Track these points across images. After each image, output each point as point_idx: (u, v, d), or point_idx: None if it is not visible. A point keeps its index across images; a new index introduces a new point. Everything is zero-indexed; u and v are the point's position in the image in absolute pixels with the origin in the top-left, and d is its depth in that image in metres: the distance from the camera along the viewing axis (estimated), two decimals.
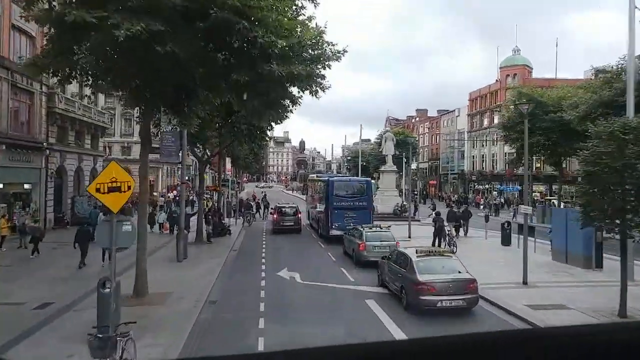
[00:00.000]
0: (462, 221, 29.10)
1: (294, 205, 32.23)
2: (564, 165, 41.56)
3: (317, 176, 40.79)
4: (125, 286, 11.93)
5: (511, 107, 36.23)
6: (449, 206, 42.60)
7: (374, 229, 20.20)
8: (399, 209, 36.65)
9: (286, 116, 18.13)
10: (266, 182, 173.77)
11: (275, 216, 30.46)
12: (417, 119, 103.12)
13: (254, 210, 38.39)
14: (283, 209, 30.78)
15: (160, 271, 16.74)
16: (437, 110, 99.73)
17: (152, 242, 24.44)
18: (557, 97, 35.93)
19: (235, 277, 17.33)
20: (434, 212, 27.38)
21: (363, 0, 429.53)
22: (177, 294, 13.99)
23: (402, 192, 41.33)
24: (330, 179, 29.92)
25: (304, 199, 61.24)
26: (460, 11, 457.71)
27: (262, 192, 68.95)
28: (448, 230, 25.15)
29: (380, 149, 44.68)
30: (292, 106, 16.01)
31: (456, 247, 23.79)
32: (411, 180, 38.88)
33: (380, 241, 18.75)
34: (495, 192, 68.33)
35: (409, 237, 26.63)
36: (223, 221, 28.45)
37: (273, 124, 24.60)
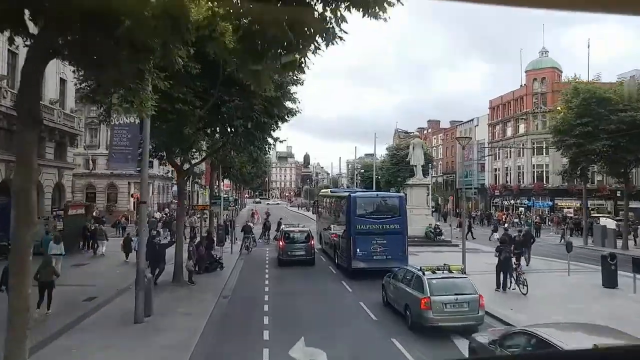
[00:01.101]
0: (523, 248, 22.50)
1: (304, 228, 25.42)
2: (630, 177, 34.65)
3: (331, 191, 34.07)
4: None
5: (571, 103, 29.58)
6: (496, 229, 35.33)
7: (440, 272, 13.05)
8: (432, 230, 29.95)
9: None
10: (268, 198, 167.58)
11: (281, 243, 23.63)
12: (430, 130, 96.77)
13: (262, 230, 31.77)
14: (291, 234, 24.02)
15: (95, 343, 10.19)
16: (450, 122, 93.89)
17: (116, 281, 17.84)
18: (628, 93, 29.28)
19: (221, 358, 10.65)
20: (494, 233, 20.73)
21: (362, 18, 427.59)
22: None
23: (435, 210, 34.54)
24: (351, 194, 23.21)
25: (313, 217, 54.68)
26: (463, 27, 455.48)
27: (267, 210, 61.86)
28: (515, 264, 18.49)
29: (407, 159, 38.06)
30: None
31: (526, 286, 17.19)
32: (444, 196, 32.15)
33: (455, 295, 11.91)
34: (522, 209, 61.64)
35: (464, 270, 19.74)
36: (213, 251, 21.76)
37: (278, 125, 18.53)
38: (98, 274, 20.05)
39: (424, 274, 12.32)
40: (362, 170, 76.78)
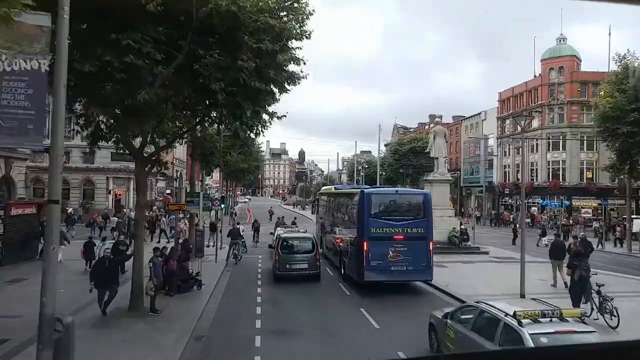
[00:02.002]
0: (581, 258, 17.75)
1: (307, 234, 20.41)
2: None
3: (335, 188, 29.29)
4: None
5: (622, 85, 24.79)
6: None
7: (547, 321, 7.54)
8: (457, 235, 25.09)
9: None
10: (262, 195, 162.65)
11: (276, 256, 18.53)
12: (432, 125, 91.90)
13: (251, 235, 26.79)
14: (290, 242, 18.97)
15: None
16: (452, 117, 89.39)
17: (57, 305, 12.32)
18: None
19: None
20: (542, 239, 16.16)
21: (355, 15, 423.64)
22: None
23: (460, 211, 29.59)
24: (364, 190, 18.62)
25: (310, 217, 49.87)
26: (457, 25, 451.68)
27: (270, 209, 56.48)
28: (598, 285, 13.71)
29: (427, 150, 33.04)
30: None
31: (617, 315, 12.47)
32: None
33: None
34: (535, 208, 57.07)
35: (522, 294, 14.80)
36: (190, 265, 16.66)
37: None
38: (35, 295, 14.93)
39: (521, 324, 7.33)
40: (366, 166, 71.67)
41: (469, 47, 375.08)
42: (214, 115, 12.66)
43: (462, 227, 26.04)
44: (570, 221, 39.18)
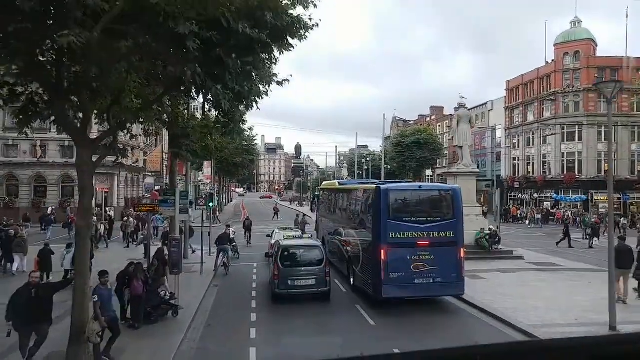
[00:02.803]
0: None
1: (313, 241, 16.67)
2: None
3: (339, 183, 25.72)
4: None
5: None
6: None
7: None
8: (487, 238, 21.33)
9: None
10: (257, 191, 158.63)
11: (275, 270, 14.65)
12: (433, 117, 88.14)
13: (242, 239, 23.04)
14: (292, 251, 15.13)
15: None
16: (454, 108, 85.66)
17: None
18: None
19: None
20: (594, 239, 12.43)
21: (347, 8, 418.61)
22: None
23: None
24: (381, 186, 15.17)
25: (310, 214, 45.97)
26: (448, 18, 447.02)
27: (275, 206, 51.75)
28: None
29: (449, 137, 29.07)
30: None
31: None
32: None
33: None
34: (548, 203, 53.59)
35: (613, 325, 10.94)
36: (163, 287, 12.80)
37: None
38: None
39: None
40: (367, 160, 67.62)
41: (460, 39, 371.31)
42: (189, 75, 8.70)
43: (492, 227, 22.26)
44: (596, 218, 35.51)
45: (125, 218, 29.63)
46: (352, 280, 16.44)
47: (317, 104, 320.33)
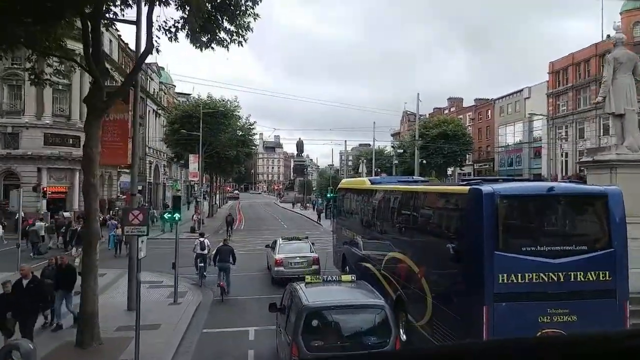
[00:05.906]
0: None
1: (374, 299, 7.16)
2: None
3: (370, 182, 15.87)
4: None
5: None
6: None
7: None
8: None
9: None
10: (255, 191, 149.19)
11: (294, 351, 5.49)
12: (453, 109, 78.62)
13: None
14: (329, 318, 5.95)
15: None
16: (474, 100, 76.56)
17: None
18: None
19: None
20: None
21: (339, 8, 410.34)
22: None
23: None
24: (483, 188, 7.31)
25: (319, 223, 36.60)
26: (442, 17, 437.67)
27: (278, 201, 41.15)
28: None
29: (596, 99, 18.67)
30: None
31: None
32: None
33: None
34: None
35: None
36: None
37: None
38: None
39: None
40: (397, 151, 57.71)
41: (454, 38, 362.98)
42: None
43: None
44: None
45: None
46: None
47: (315, 106, 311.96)
